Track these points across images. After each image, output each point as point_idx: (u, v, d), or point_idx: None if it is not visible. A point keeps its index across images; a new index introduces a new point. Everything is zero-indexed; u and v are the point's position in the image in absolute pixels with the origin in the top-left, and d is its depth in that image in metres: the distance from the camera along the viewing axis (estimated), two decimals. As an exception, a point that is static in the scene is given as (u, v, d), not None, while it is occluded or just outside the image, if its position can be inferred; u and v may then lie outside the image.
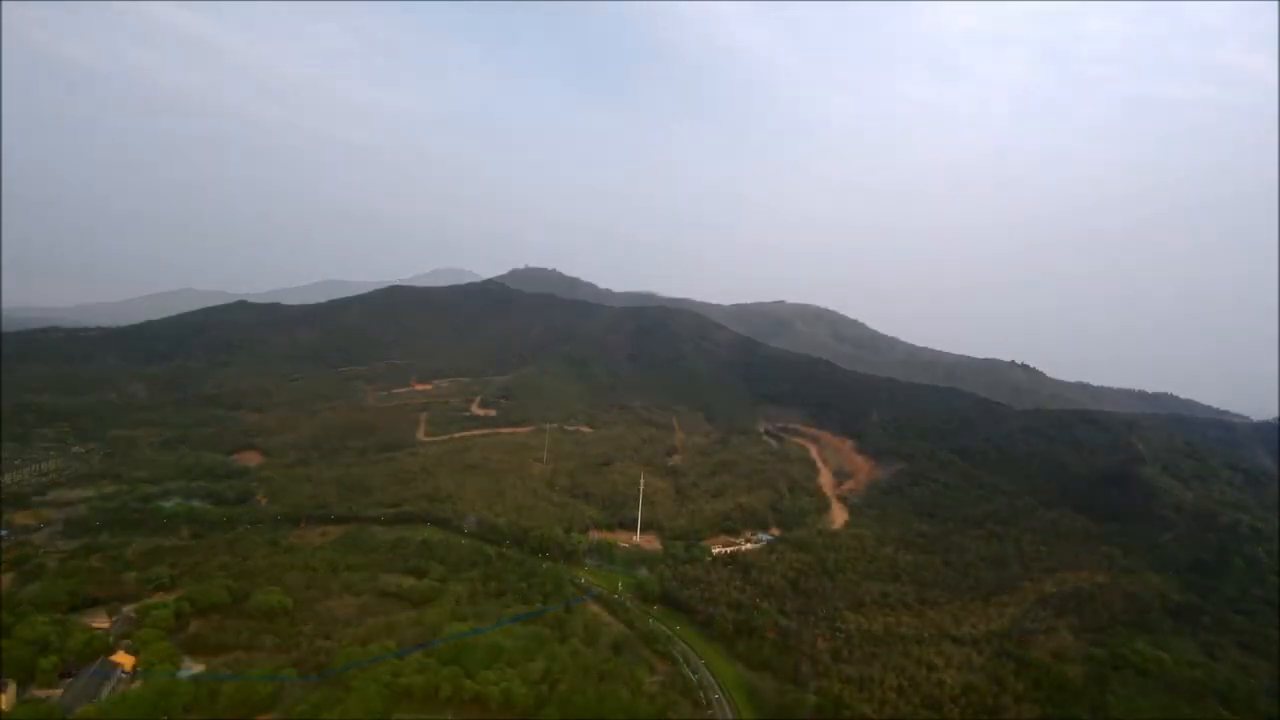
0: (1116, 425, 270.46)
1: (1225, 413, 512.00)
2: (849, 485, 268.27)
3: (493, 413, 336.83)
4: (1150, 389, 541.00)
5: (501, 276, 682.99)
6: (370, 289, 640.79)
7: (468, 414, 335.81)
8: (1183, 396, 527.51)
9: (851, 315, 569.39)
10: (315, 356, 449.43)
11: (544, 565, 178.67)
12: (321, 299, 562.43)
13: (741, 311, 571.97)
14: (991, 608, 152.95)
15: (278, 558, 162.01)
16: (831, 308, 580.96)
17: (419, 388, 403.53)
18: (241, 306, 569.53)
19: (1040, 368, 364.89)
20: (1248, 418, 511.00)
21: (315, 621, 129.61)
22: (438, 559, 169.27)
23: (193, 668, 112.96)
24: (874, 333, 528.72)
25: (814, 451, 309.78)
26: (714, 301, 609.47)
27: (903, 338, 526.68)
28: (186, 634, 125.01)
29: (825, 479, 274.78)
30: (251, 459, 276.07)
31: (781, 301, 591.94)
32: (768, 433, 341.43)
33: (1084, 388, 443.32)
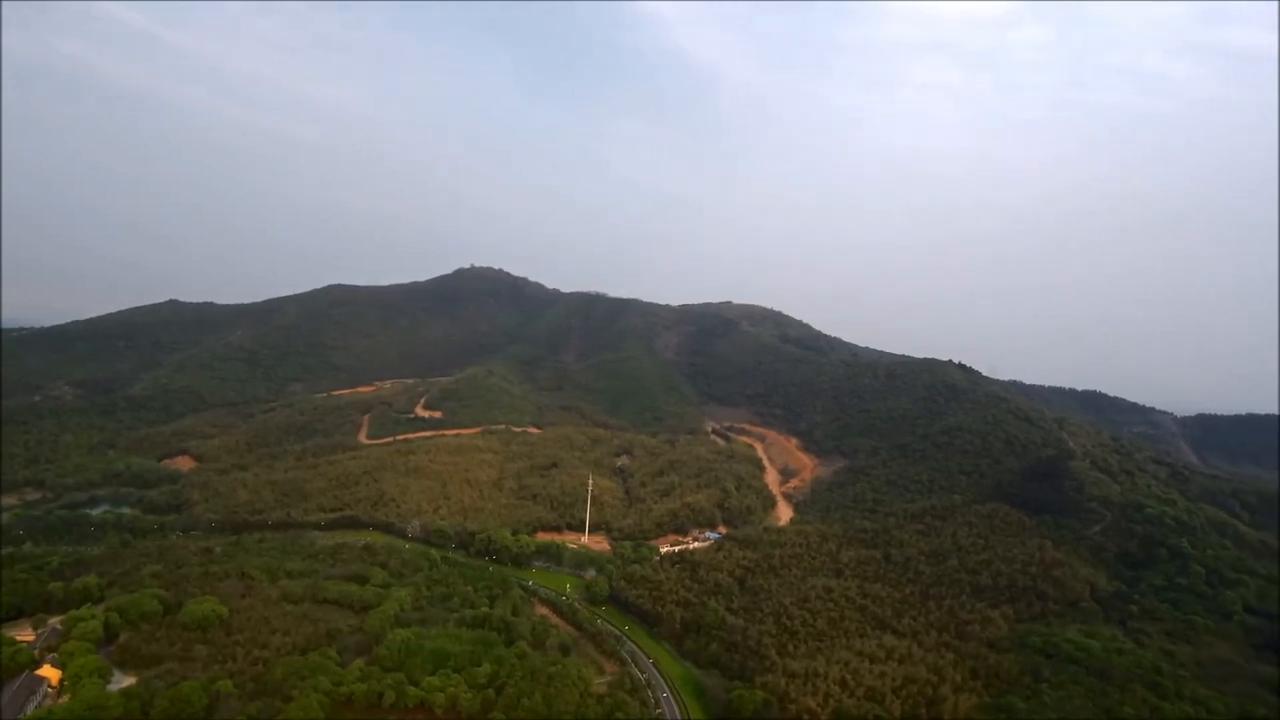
0: (1047, 422, 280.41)
1: (1151, 410, 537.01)
2: (794, 483, 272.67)
3: (438, 414, 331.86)
4: (1080, 387, 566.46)
5: (446, 276, 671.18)
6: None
7: (412, 416, 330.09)
8: (1111, 394, 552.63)
9: (797, 316, 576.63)
10: (251, 358, 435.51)
11: (490, 568, 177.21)
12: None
13: (689, 312, 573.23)
14: (931, 600, 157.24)
15: (212, 566, 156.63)
16: (777, 309, 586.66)
17: (361, 389, 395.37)
18: (171, 306, 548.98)
19: (977, 367, 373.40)
20: (1172, 414, 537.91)
21: (252, 630, 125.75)
22: (380, 564, 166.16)
23: (123, 681, 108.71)
24: (818, 333, 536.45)
25: (760, 450, 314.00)
26: (662, 301, 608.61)
27: (846, 338, 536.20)
28: (116, 646, 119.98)
29: (771, 477, 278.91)
30: (184, 464, 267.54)
31: (729, 302, 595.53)
32: (715, 432, 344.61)
33: (1018, 386, 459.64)
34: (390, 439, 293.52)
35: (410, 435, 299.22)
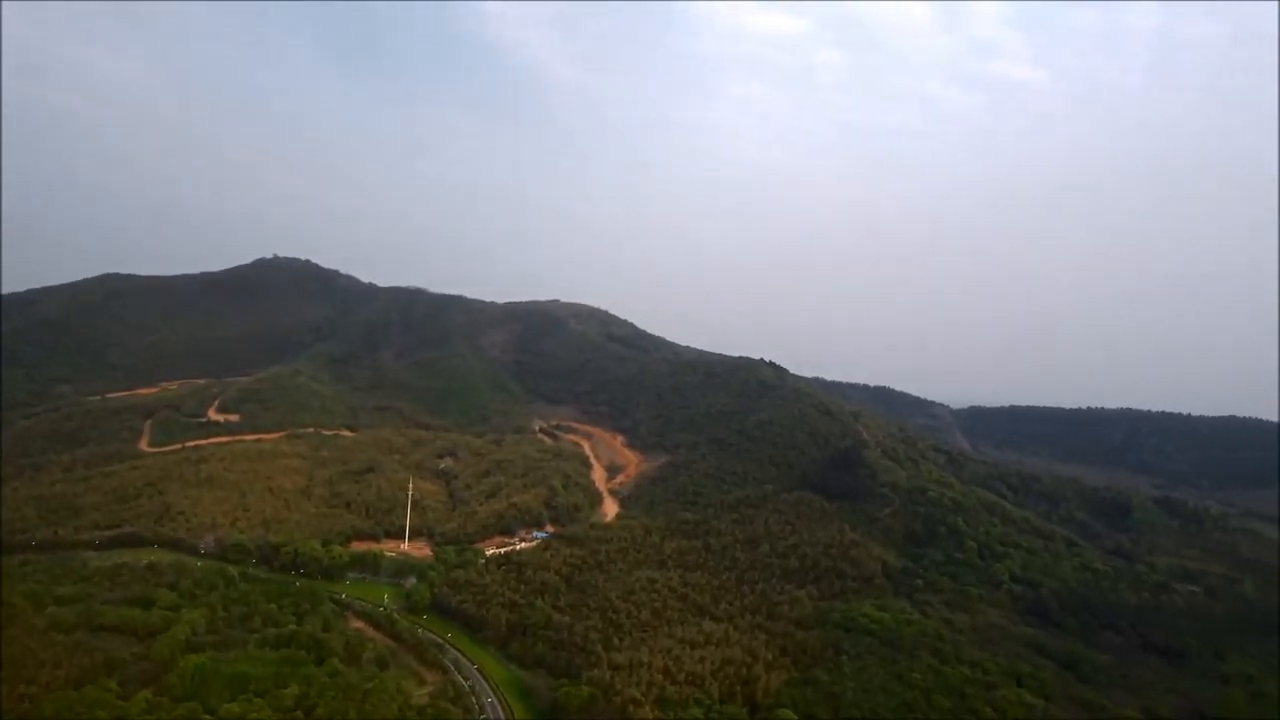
0: (845, 415, 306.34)
1: (931, 403, 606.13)
2: (620, 479, 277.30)
3: (235, 418, 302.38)
4: (872, 383, 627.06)
5: (244, 266, 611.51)
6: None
7: (204, 420, 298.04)
8: (897, 389, 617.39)
9: (622, 315, 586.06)
10: (8, 356, 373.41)
11: (298, 583, 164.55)
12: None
13: (516, 310, 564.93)
14: (745, 585, 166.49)
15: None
16: (604, 307, 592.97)
17: (141, 391, 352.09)
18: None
19: (785, 364, 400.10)
20: (948, 406, 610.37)
21: (15, 665, 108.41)
22: (168, 584, 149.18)
23: None
24: (643, 332, 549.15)
25: (587, 447, 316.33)
26: (487, 299, 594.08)
27: (669, 337, 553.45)
28: None
29: (598, 474, 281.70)
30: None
31: (556, 300, 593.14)
32: (543, 431, 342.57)
33: (820, 382, 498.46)
34: (178, 445, 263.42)
35: (202, 441, 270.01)
